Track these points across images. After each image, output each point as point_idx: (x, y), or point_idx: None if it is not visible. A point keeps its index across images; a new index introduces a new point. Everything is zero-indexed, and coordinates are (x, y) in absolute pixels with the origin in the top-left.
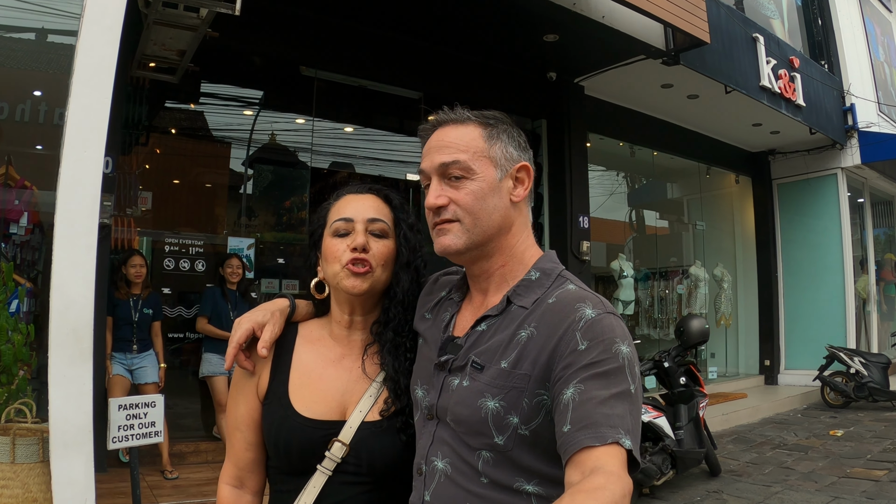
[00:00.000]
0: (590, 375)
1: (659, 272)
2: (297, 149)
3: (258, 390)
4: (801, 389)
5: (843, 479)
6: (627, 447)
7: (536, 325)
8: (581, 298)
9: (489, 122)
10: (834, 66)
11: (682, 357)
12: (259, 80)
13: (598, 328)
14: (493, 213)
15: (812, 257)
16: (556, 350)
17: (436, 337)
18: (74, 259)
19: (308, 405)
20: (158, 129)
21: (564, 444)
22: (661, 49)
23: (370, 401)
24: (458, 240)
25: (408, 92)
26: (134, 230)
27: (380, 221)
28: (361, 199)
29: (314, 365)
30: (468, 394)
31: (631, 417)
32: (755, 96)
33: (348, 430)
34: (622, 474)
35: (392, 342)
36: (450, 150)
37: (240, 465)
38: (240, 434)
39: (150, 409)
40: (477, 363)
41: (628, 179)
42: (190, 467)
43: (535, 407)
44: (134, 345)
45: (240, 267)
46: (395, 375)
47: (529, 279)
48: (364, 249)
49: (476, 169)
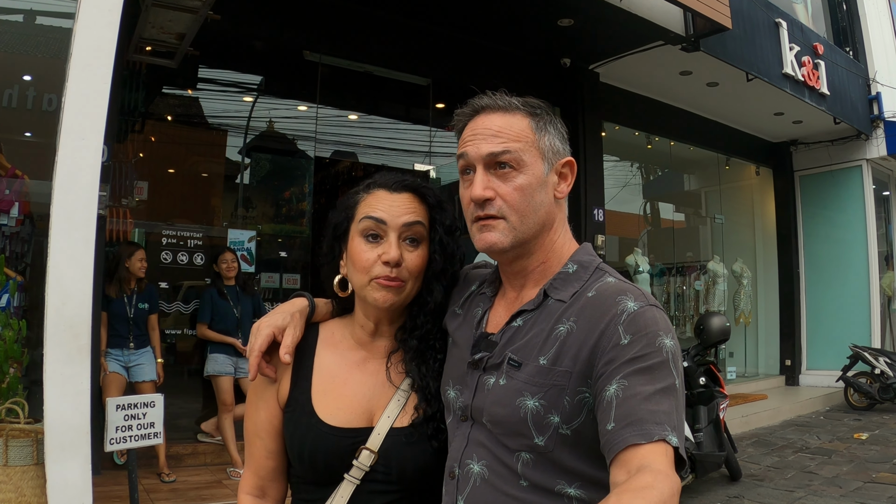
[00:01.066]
0: (634, 370)
1: (675, 268)
2: (299, 137)
3: (279, 397)
4: (824, 391)
5: (868, 484)
6: (674, 444)
7: (576, 319)
8: (622, 291)
9: (536, 112)
10: (859, 53)
11: (702, 356)
12: (261, 65)
13: (641, 321)
14: (539, 210)
15: (835, 253)
16: (598, 345)
17: (468, 334)
18: (72, 252)
19: (333, 412)
20: (155, 115)
21: (609, 442)
22: (681, 35)
23: (398, 406)
24: (505, 238)
25: (415, 78)
26: (129, 221)
27: (416, 225)
28: (395, 199)
29: (337, 369)
30: (505, 393)
31: (676, 413)
32: (777, 84)
33: (376, 436)
34: (670, 472)
35: (416, 349)
36: (500, 139)
37: (260, 473)
38: (260, 442)
39: (150, 409)
40: (514, 360)
41: (643, 170)
42: (188, 470)
43: (576, 405)
44: (130, 341)
45: (235, 261)
46: (422, 381)
47: (567, 272)
48: (398, 264)
49: (527, 161)
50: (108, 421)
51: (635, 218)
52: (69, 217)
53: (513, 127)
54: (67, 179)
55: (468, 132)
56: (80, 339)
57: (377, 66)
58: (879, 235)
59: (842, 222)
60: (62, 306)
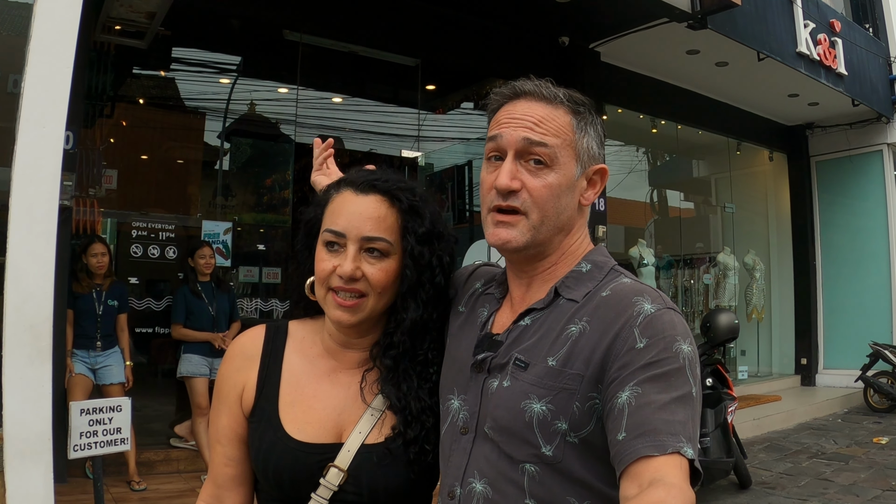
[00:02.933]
0: (648, 377)
1: (683, 260)
2: (279, 121)
3: (243, 403)
4: (842, 391)
5: (887, 492)
6: (690, 457)
7: (589, 319)
8: (639, 292)
9: (579, 110)
10: (879, 31)
11: (709, 356)
12: (238, 45)
13: (657, 324)
14: (562, 214)
15: (854, 243)
16: (612, 348)
17: (471, 336)
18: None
19: (300, 426)
20: (125, 99)
21: (619, 453)
22: (687, 11)
23: (371, 420)
24: (522, 237)
25: (403, 58)
26: (98, 212)
27: (379, 240)
28: (360, 203)
29: (306, 379)
30: (510, 395)
31: (692, 423)
32: (791, 64)
33: (346, 454)
34: (684, 487)
35: (391, 368)
36: (540, 128)
37: (218, 481)
38: (220, 448)
39: (116, 413)
40: (520, 361)
41: (649, 156)
42: (160, 477)
43: (586, 412)
44: (98, 341)
45: (213, 256)
46: (401, 402)
47: (580, 271)
48: (353, 278)
49: (561, 160)
50: (71, 426)
51: (641, 206)
52: (29, 210)
53: (555, 120)
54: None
55: (504, 114)
56: (42, 339)
57: (362, 45)
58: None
59: (861, 211)
60: (22, 305)
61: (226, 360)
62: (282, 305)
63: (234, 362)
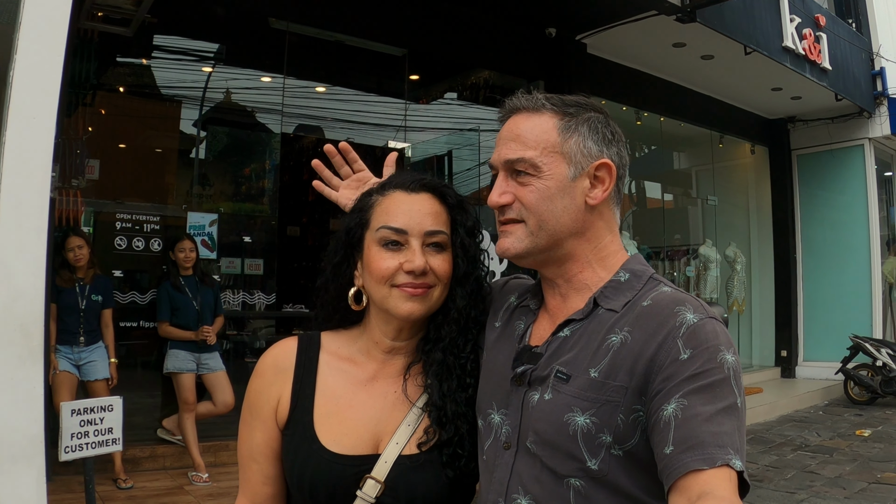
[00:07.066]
0: (693, 389)
1: (664, 251)
2: (265, 110)
3: (277, 416)
4: (822, 383)
5: (873, 485)
6: (738, 469)
7: (630, 329)
8: (680, 301)
9: (568, 112)
10: (862, 26)
11: None
12: (223, 33)
13: (701, 335)
14: (562, 216)
15: (835, 237)
16: (656, 359)
17: (508, 350)
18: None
19: (336, 438)
20: (108, 87)
21: (667, 467)
22: (675, 4)
23: (408, 430)
24: (520, 243)
25: (390, 48)
26: (80, 203)
27: (440, 233)
28: (415, 201)
29: (342, 390)
30: (552, 408)
31: (739, 434)
32: (777, 58)
33: (383, 465)
34: (734, 499)
35: (441, 362)
36: (517, 144)
37: (256, 500)
38: (256, 466)
39: (108, 413)
40: (562, 373)
41: (630, 147)
42: (146, 475)
43: (630, 424)
44: (81, 336)
45: (193, 250)
46: (439, 402)
47: (618, 280)
48: (423, 272)
49: (543, 167)
50: (62, 427)
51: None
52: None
53: (534, 130)
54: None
55: (497, 137)
56: (33, 339)
57: (349, 35)
58: (881, 219)
59: (842, 205)
60: (12, 303)
61: (256, 375)
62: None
63: (267, 376)
